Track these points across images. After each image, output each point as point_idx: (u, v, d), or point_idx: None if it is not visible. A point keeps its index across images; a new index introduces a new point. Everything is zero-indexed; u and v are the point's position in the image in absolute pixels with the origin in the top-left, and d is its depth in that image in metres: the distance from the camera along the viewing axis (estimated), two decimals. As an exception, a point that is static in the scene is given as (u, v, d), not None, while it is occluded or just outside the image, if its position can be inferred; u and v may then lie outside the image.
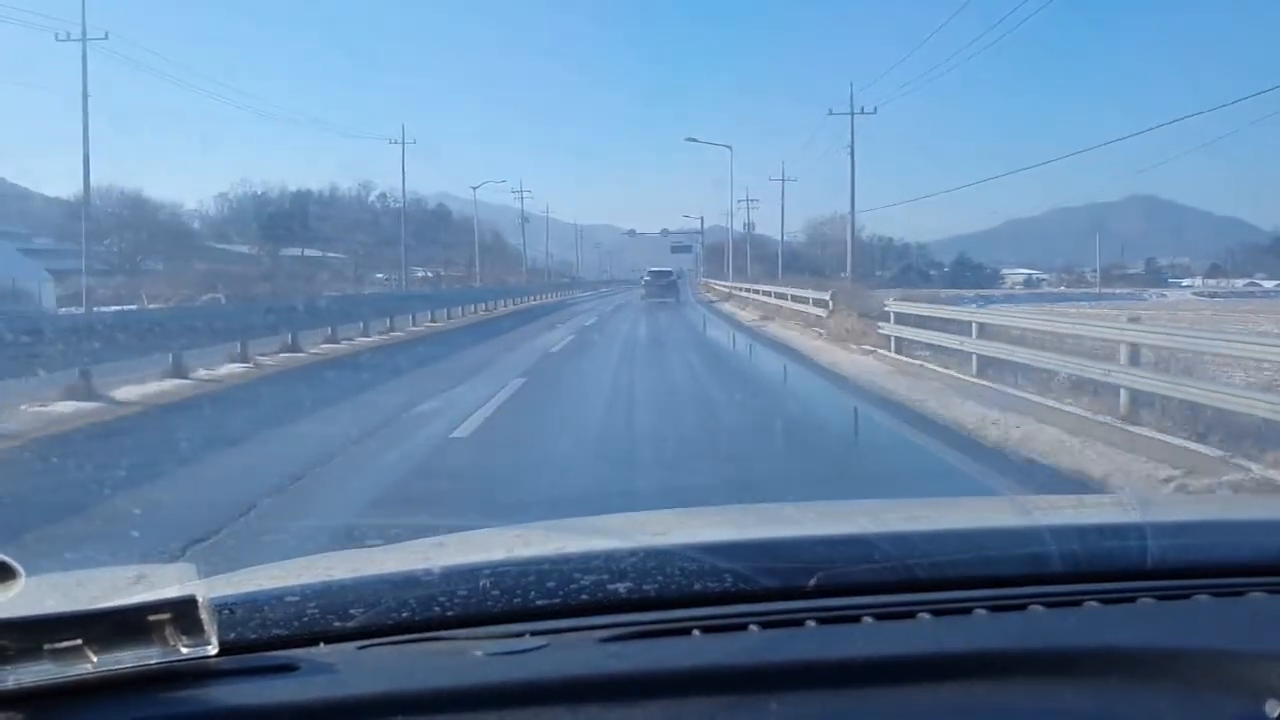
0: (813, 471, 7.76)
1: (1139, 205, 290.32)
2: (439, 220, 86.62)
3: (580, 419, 10.88)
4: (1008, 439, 8.90)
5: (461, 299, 38.66)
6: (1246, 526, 1.53)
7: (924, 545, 1.29)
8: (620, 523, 1.55)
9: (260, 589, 1.18)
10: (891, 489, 7.00)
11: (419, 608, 1.14)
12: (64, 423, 9.91)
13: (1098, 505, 2.23)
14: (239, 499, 6.28)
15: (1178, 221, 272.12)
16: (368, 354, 19.08)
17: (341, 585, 1.19)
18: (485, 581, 1.17)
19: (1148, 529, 1.33)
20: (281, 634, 1.10)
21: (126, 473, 7.29)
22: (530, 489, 6.87)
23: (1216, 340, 9.45)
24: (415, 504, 6.32)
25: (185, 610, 0.96)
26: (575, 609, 1.15)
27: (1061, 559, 1.25)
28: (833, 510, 1.78)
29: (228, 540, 5.32)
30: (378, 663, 1.06)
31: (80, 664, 0.94)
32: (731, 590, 1.18)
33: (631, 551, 1.23)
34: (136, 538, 5.30)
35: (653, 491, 6.68)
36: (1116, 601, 1.20)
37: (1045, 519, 1.47)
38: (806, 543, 1.34)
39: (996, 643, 1.09)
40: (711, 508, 1.77)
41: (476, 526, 1.55)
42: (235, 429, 9.92)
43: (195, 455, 8.28)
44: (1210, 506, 2.47)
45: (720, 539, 1.33)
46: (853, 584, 1.21)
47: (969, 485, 7.09)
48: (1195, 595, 1.21)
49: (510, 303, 47.12)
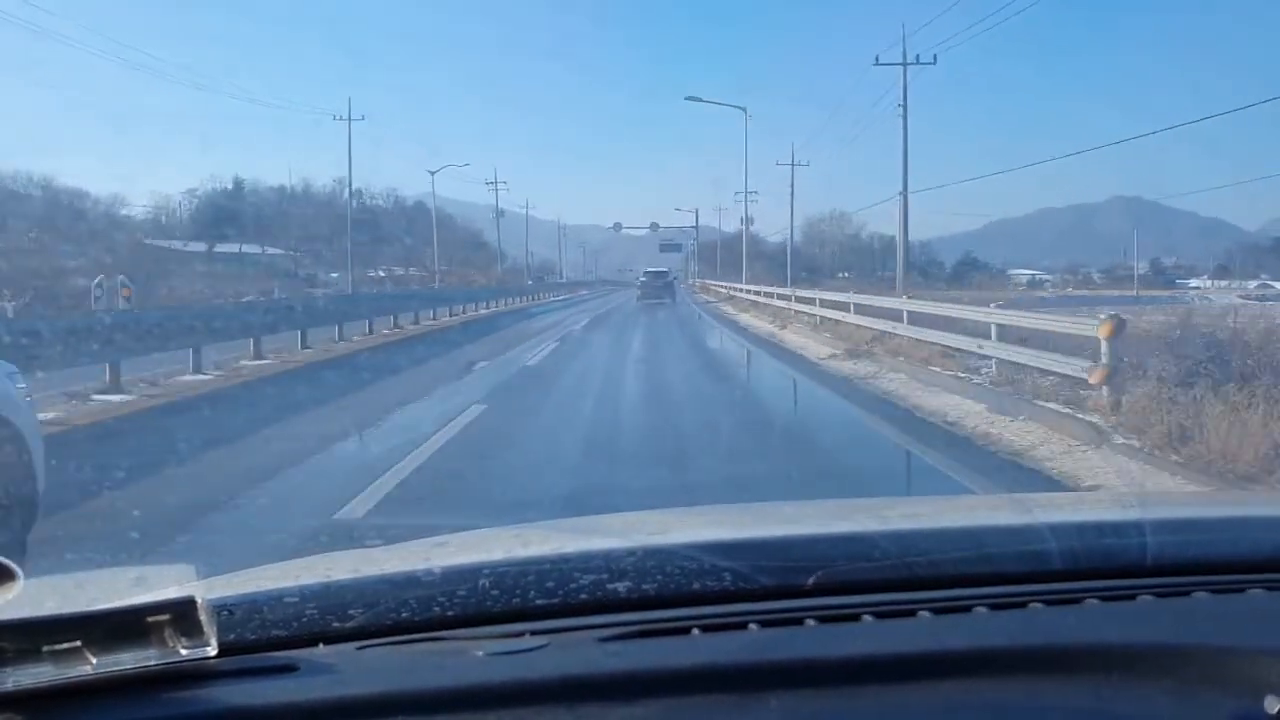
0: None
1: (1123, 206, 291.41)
2: (416, 216, 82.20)
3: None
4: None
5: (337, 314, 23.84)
6: (1246, 523, 1.53)
7: (923, 543, 1.29)
8: (619, 522, 1.55)
9: (259, 589, 1.18)
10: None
11: (418, 608, 1.14)
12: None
13: (1097, 503, 2.24)
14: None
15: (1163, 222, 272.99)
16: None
17: (341, 585, 1.19)
18: (485, 581, 1.17)
19: (1147, 526, 1.34)
20: (281, 635, 1.10)
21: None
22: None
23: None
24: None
25: (184, 611, 0.96)
26: (575, 608, 1.15)
27: (1061, 556, 1.26)
28: (832, 508, 1.78)
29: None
30: (377, 663, 1.06)
31: (79, 665, 0.93)
32: (731, 589, 1.18)
33: (630, 551, 1.23)
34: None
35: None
36: (1116, 599, 1.20)
37: (1045, 516, 1.47)
38: (806, 541, 1.34)
39: (996, 640, 1.09)
40: (710, 506, 1.77)
41: (476, 526, 1.55)
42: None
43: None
44: (1209, 503, 2.47)
45: (719, 538, 1.32)
46: (852, 582, 1.21)
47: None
48: (1195, 592, 1.21)
49: (450, 313, 35.70)
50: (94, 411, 10.99)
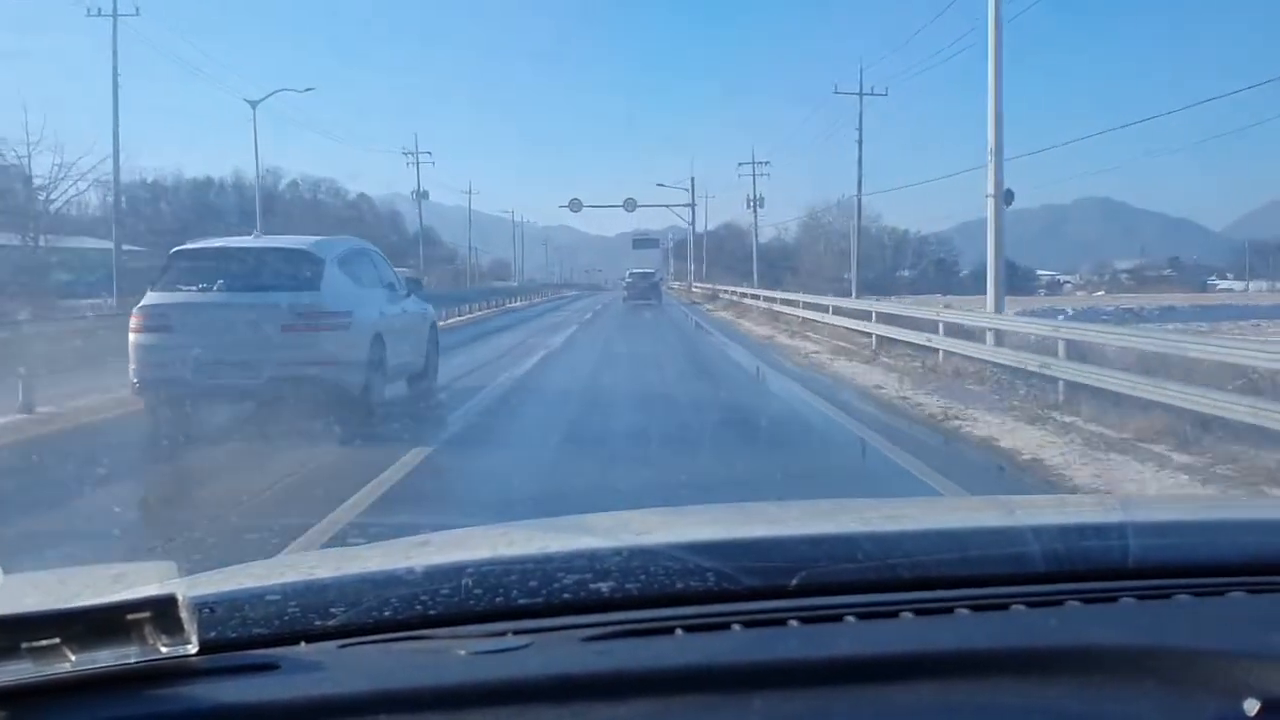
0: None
1: (1093, 207, 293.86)
2: (365, 217, 70.71)
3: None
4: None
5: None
6: (1227, 526, 1.55)
7: (906, 544, 1.30)
8: (604, 522, 1.54)
9: (241, 587, 1.17)
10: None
11: (401, 606, 1.14)
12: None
13: (1080, 505, 2.25)
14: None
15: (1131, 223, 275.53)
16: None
17: (323, 584, 1.18)
18: (468, 580, 1.16)
19: (1129, 529, 1.35)
20: (262, 633, 1.10)
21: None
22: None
23: None
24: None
25: (165, 609, 0.95)
26: (558, 608, 1.15)
27: (1044, 558, 1.26)
28: (815, 509, 1.78)
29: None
30: (359, 662, 1.06)
31: (58, 663, 0.93)
32: (714, 589, 1.18)
33: (615, 550, 1.23)
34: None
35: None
36: (1098, 601, 1.21)
37: (1028, 519, 1.48)
38: (789, 542, 1.34)
39: (979, 642, 1.10)
40: (695, 507, 1.78)
41: (460, 525, 1.54)
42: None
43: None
44: (1191, 506, 2.49)
45: (703, 538, 1.33)
46: (835, 583, 1.22)
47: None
48: (1176, 595, 1.22)
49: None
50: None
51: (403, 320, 11.44)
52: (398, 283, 12.06)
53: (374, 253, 12.05)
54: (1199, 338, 11.57)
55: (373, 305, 10.62)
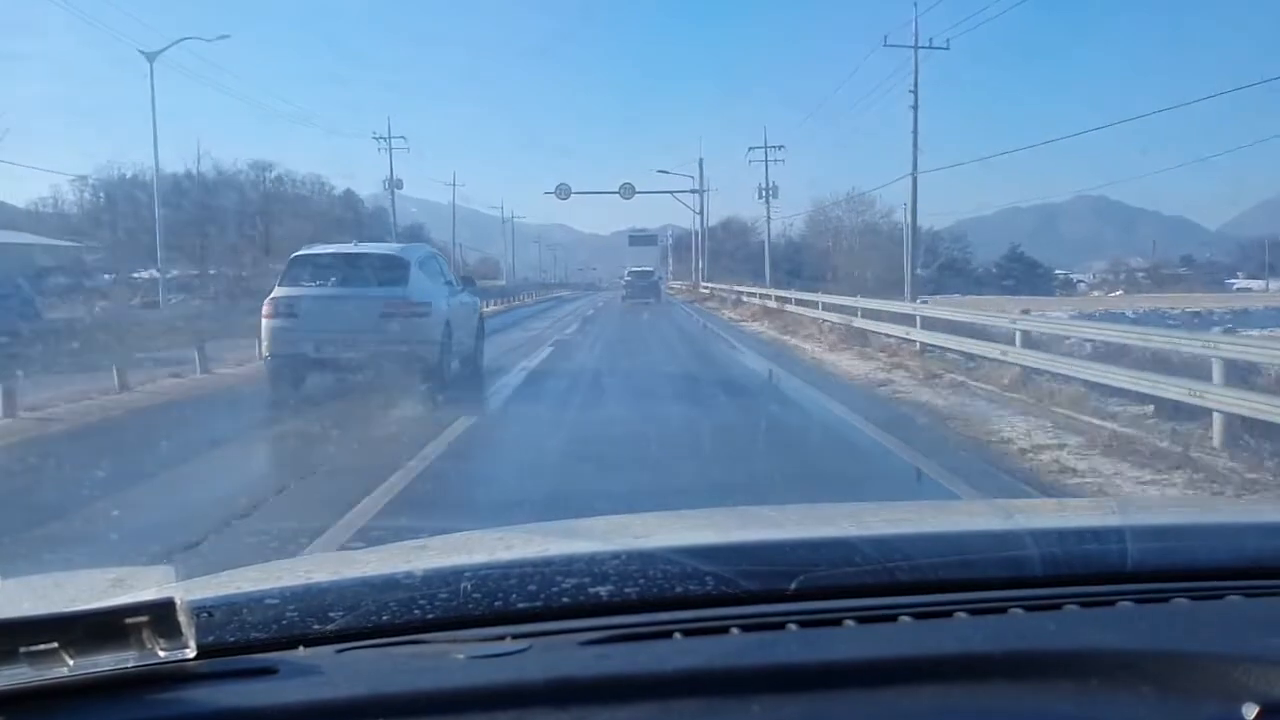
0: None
1: (1087, 205, 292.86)
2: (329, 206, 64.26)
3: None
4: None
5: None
6: (1224, 530, 1.55)
7: (905, 548, 1.30)
8: (602, 525, 1.54)
9: (239, 591, 1.17)
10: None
11: (399, 610, 1.14)
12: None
13: (1078, 509, 2.26)
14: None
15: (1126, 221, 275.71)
16: None
17: (321, 588, 1.18)
18: (466, 584, 1.16)
19: (1127, 532, 1.35)
20: (260, 637, 1.09)
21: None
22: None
23: None
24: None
25: (163, 613, 0.95)
26: (557, 612, 1.15)
27: (1042, 562, 1.26)
28: (814, 513, 1.78)
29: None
30: (357, 666, 1.06)
31: (56, 667, 0.93)
32: (713, 593, 1.18)
33: (613, 554, 1.23)
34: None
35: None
36: (1096, 604, 1.21)
37: (1026, 522, 1.48)
38: (788, 546, 1.34)
39: (977, 645, 1.10)
40: (694, 510, 1.77)
41: (459, 529, 1.54)
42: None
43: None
44: (1189, 510, 2.50)
45: (702, 542, 1.33)
46: (834, 587, 1.22)
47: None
48: (1174, 598, 1.22)
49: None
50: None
51: (461, 311, 14.08)
52: (454, 280, 14.72)
53: (439, 256, 15.05)
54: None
55: (443, 298, 13.19)
